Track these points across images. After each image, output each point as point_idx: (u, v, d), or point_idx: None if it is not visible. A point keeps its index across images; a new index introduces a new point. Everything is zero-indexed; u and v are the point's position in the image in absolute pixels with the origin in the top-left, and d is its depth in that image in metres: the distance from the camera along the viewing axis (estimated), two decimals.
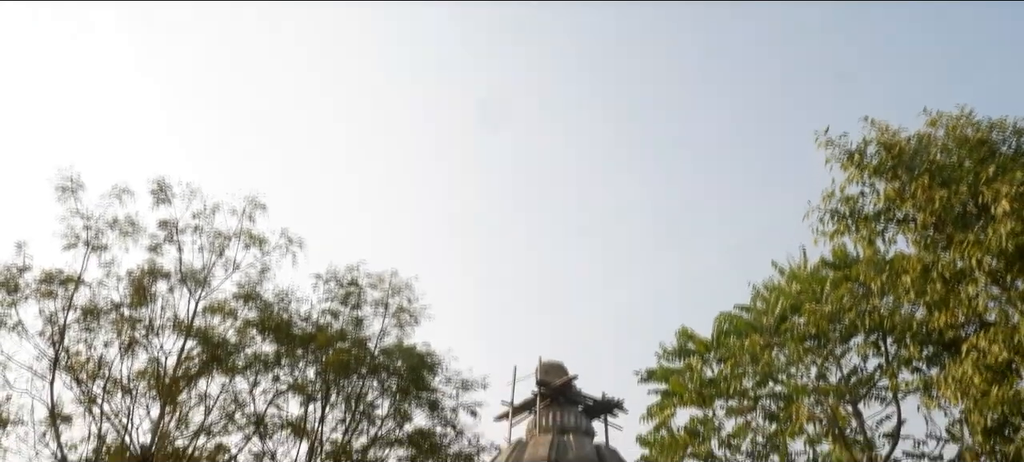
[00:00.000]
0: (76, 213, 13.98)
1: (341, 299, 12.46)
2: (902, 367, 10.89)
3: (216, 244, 14.29)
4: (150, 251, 14.49)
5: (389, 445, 12.09)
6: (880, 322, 10.56)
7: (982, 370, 8.80)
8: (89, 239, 14.16)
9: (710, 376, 12.44)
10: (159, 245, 14.42)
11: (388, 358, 12.17)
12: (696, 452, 12.01)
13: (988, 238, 8.69)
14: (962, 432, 11.48)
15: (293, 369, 12.19)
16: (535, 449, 15.09)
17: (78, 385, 14.14)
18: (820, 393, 11.50)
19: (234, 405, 13.17)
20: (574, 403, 17.07)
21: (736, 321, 12.85)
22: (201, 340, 13.36)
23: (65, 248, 14.28)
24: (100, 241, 14.21)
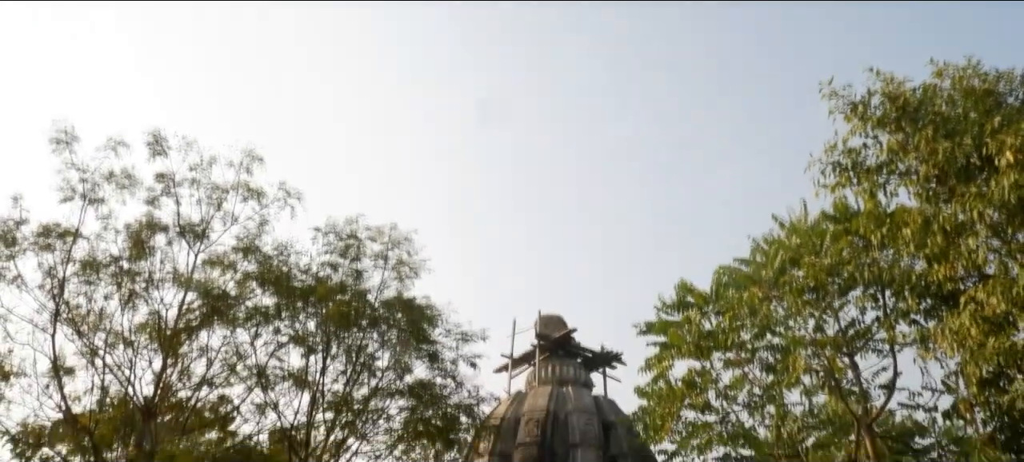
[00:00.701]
0: (72, 166, 13.84)
1: (340, 252, 12.44)
2: (899, 319, 10.94)
3: (214, 197, 14.20)
4: (147, 204, 14.40)
5: (390, 396, 12.22)
6: (879, 275, 10.57)
7: (979, 322, 8.84)
8: (85, 192, 14.05)
9: (708, 328, 12.52)
10: (156, 198, 14.32)
11: (388, 310, 12.21)
12: (693, 403, 12.15)
13: (991, 190, 8.63)
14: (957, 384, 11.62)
15: (294, 321, 12.23)
16: (534, 400, 15.32)
17: (79, 337, 14.20)
18: (817, 345, 11.59)
19: (235, 357, 13.26)
20: (573, 355, 17.29)
21: (735, 274, 12.89)
22: (201, 293, 13.37)
23: (62, 201, 14.17)
24: (97, 194, 14.10)
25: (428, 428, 11.85)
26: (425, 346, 12.13)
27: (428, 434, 11.84)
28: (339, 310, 11.41)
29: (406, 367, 12.21)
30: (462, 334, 12.42)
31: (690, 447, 12.18)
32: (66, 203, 14.17)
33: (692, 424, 12.32)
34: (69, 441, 15.70)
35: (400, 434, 11.96)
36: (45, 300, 14.11)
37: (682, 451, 12.41)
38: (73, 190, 14.05)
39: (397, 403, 12.13)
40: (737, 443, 11.89)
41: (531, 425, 14.52)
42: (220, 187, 14.20)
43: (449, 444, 12.36)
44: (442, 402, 11.98)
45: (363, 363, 12.07)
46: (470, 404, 12.18)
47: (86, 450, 15.03)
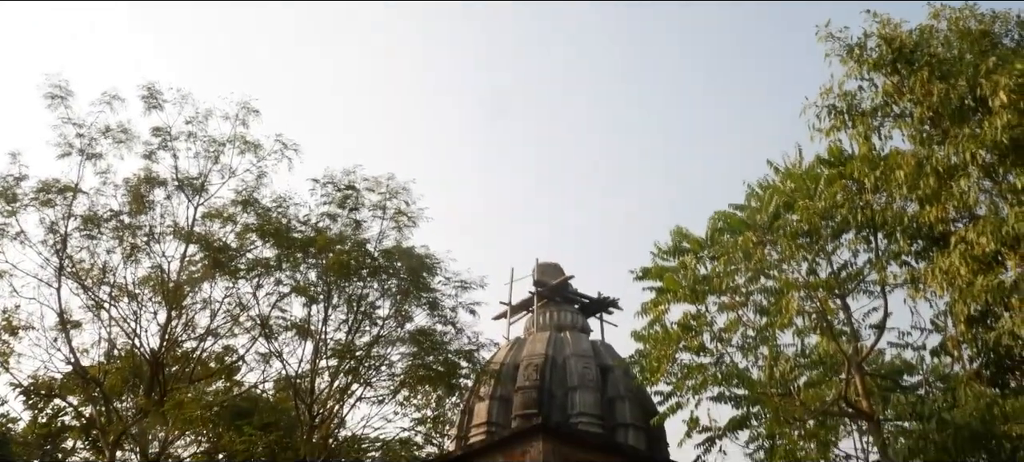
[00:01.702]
0: (68, 121, 13.83)
1: (338, 202, 12.55)
2: (891, 261, 11.15)
3: (211, 150, 14.24)
4: (145, 158, 14.45)
5: (391, 344, 12.49)
6: (871, 217, 10.73)
7: (969, 261, 9.02)
8: (83, 147, 14.08)
9: (703, 273, 12.71)
10: (153, 152, 14.36)
11: (388, 260, 12.39)
12: (688, 345, 12.41)
13: (984, 131, 8.71)
14: (946, 323, 11.90)
15: (294, 272, 12.42)
16: (533, 346, 15.63)
17: (85, 292, 14.41)
18: (810, 288, 11.80)
19: (238, 308, 13.50)
20: (570, 302, 17.56)
21: (730, 219, 13.03)
22: (202, 245, 13.53)
23: (60, 156, 14.22)
24: (94, 149, 14.14)
25: (429, 374, 12.15)
26: (425, 294, 12.34)
27: (430, 379, 12.15)
28: (339, 260, 11.57)
29: (407, 315, 12.45)
30: (461, 282, 12.65)
31: (685, 388, 12.47)
32: (64, 159, 14.22)
33: (687, 366, 12.60)
34: (80, 392, 16.09)
35: (402, 379, 12.27)
36: (49, 255, 14.28)
37: (677, 392, 12.71)
38: (70, 146, 14.08)
39: (399, 350, 12.42)
40: (731, 383, 12.19)
41: (530, 370, 14.85)
42: (217, 140, 14.23)
43: (450, 389, 12.69)
44: (443, 349, 12.26)
45: (364, 312, 12.30)
46: (470, 350, 12.48)
47: (96, 400, 15.42)
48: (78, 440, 17.86)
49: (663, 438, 15.49)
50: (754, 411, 12.35)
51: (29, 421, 18.03)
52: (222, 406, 12.69)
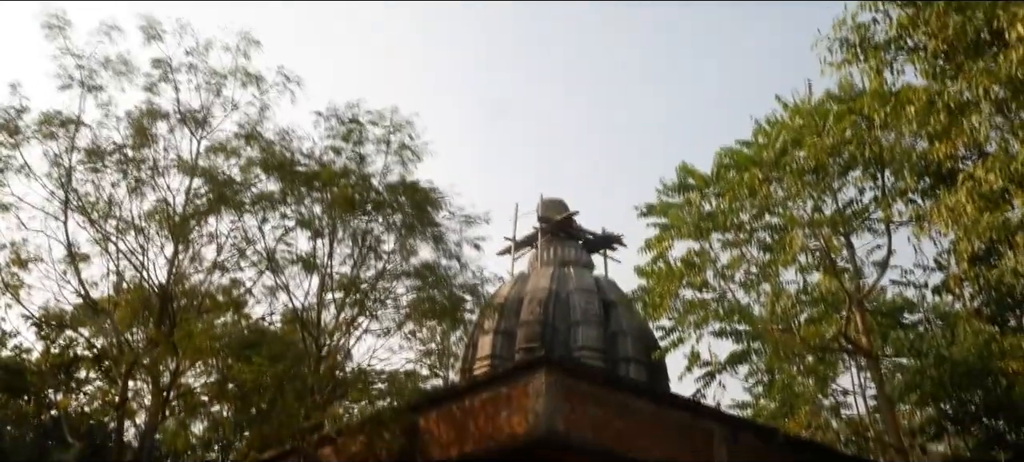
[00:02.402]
0: (67, 52, 13.62)
1: (342, 136, 12.43)
2: (897, 199, 11.10)
3: (212, 83, 14.04)
4: (146, 91, 14.27)
5: (396, 278, 12.58)
6: (879, 154, 10.63)
7: (975, 199, 8.96)
8: (83, 79, 13.90)
9: (708, 210, 12.70)
10: (154, 85, 14.18)
11: (392, 194, 12.36)
12: (691, 282, 12.49)
13: (998, 66, 8.51)
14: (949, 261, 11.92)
15: (299, 206, 12.42)
16: (537, 281, 15.77)
17: (91, 225, 14.47)
18: (814, 225, 11.79)
19: (244, 242, 13.56)
20: (574, 238, 17.64)
21: (736, 156, 12.94)
22: (207, 179, 13.51)
23: (60, 89, 14.04)
24: (94, 81, 13.95)
25: (434, 307, 12.28)
26: (429, 229, 12.36)
27: (435, 313, 12.28)
28: (344, 194, 11.54)
29: (412, 249, 12.50)
30: (465, 217, 12.63)
31: (687, 323, 12.63)
32: (64, 91, 14.07)
33: (689, 302, 12.71)
34: (91, 324, 16.37)
35: (407, 312, 12.41)
36: (54, 188, 14.29)
37: (679, 327, 12.88)
38: (70, 77, 13.90)
39: (404, 284, 12.51)
40: (732, 319, 12.33)
41: (534, 304, 15.02)
42: (218, 73, 14.02)
43: (455, 323, 12.84)
44: (447, 283, 12.35)
45: (369, 246, 12.35)
46: (475, 284, 12.57)
47: (107, 332, 15.70)
48: (91, 371, 18.29)
49: (664, 372, 15.79)
50: (754, 346, 12.53)
51: (42, 352, 18.44)
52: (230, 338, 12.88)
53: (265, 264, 13.38)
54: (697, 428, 11.72)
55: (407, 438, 11.59)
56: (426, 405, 11.40)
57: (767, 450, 12.55)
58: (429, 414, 11.45)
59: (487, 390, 10.72)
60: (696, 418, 11.83)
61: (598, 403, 10.38)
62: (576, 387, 10.19)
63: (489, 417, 10.50)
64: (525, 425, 9.79)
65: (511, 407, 10.18)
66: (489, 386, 10.75)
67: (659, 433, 11.03)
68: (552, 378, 9.87)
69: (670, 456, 10.95)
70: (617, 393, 10.83)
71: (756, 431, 13.08)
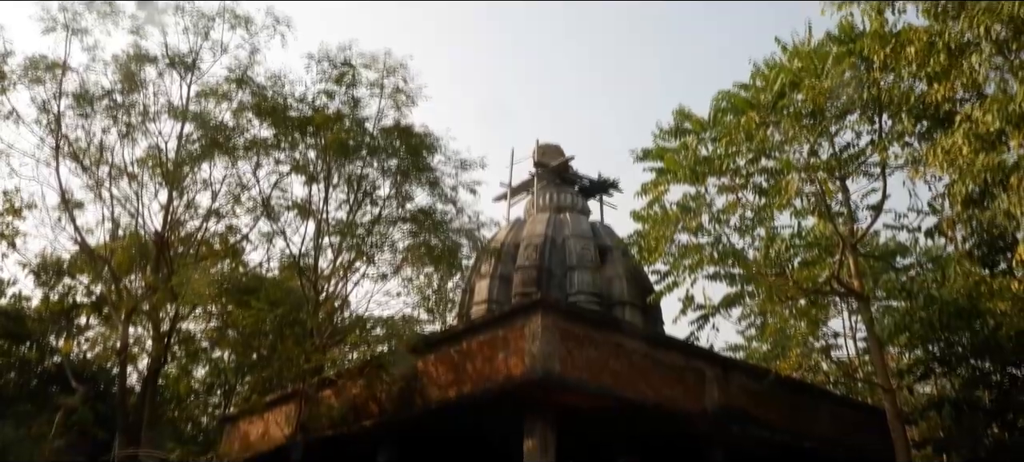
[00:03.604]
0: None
1: (335, 79, 12.26)
2: (893, 141, 11.07)
3: (200, 26, 13.80)
4: (132, 34, 14.03)
5: (392, 223, 12.59)
6: (878, 96, 10.56)
7: (972, 140, 8.95)
8: (67, 22, 13.63)
9: (704, 154, 12.65)
10: (141, 27, 13.94)
11: (387, 138, 12.27)
12: (687, 226, 12.50)
13: (1001, 4, 8.40)
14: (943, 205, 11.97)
15: (293, 151, 12.35)
16: (533, 227, 15.82)
17: (83, 171, 14.41)
18: (810, 169, 11.78)
19: (239, 188, 13.54)
20: (570, 183, 17.62)
21: (734, 99, 12.82)
22: (198, 124, 13.39)
23: (44, 32, 13.80)
24: (79, 24, 13.69)
25: (431, 252, 12.34)
26: (425, 174, 12.32)
27: (431, 257, 12.35)
28: (338, 139, 11.45)
29: (407, 195, 12.49)
30: (461, 162, 12.58)
31: (682, 267, 12.70)
32: (49, 34, 13.81)
33: (684, 246, 12.75)
34: (89, 271, 16.45)
35: (404, 256, 12.47)
36: (43, 134, 14.17)
37: (674, 271, 12.96)
38: (54, 20, 13.63)
39: (400, 229, 12.53)
40: (726, 262, 12.39)
41: (530, 250, 15.09)
42: (206, 14, 13.75)
43: (452, 267, 12.93)
44: (444, 227, 12.37)
45: (365, 191, 12.33)
46: (471, 229, 12.60)
47: (106, 279, 15.78)
48: (91, 317, 18.45)
49: (658, 316, 16.00)
50: (748, 289, 12.63)
51: (42, 299, 18.56)
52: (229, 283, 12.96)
53: (261, 210, 13.39)
54: (689, 369, 11.95)
55: (406, 380, 11.79)
56: (424, 348, 11.55)
57: (758, 390, 12.83)
58: (428, 357, 11.62)
59: (484, 333, 10.85)
60: (688, 359, 12.04)
61: (593, 345, 10.53)
62: (572, 329, 10.32)
63: (487, 359, 10.65)
64: (522, 367, 9.95)
65: (508, 349, 10.33)
66: (486, 329, 10.87)
67: (652, 374, 11.24)
68: (548, 320, 9.99)
69: (663, 396, 11.19)
70: (612, 335, 10.98)
71: (747, 372, 13.35)
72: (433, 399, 11.29)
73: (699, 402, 11.77)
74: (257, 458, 14.90)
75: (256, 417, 15.76)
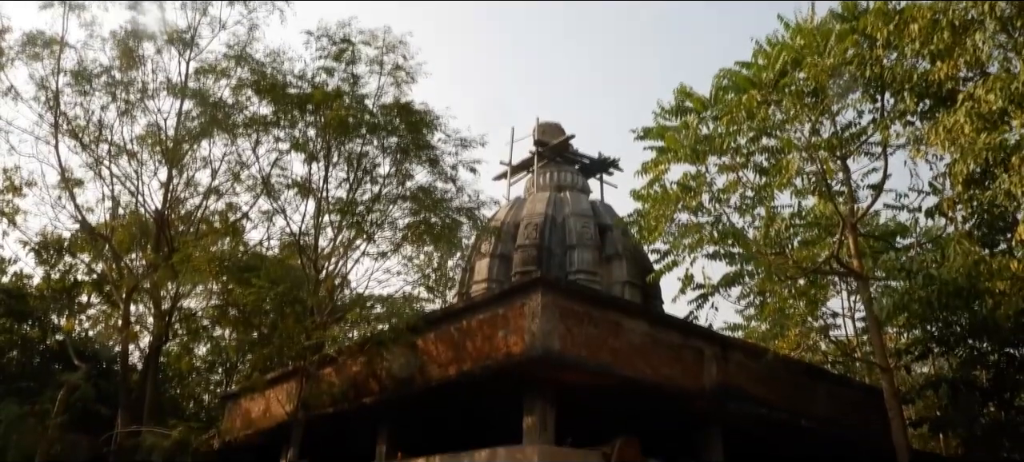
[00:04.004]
0: None
1: (334, 56, 12.17)
2: (895, 120, 11.03)
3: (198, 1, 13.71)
4: (130, 10, 13.95)
5: (392, 202, 12.57)
6: (880, 74, 10.50)
7: (974, 119, 8.92)
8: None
9: (705, 133, 12.61)
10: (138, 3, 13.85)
11: (386, 116, 12.22)
12: (687, 205, 12.50)
13: None
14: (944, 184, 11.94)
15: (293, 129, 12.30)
16: (533, 206, 15.80)
17: (83, 149, 14.39)
18: (812, 149, 11.75)
19: (238, 166, 13.51)
20: (571, 162, 17.56)
21: (735, 77, 12.77)
22: (197, 101, 13.35)
23: (41, 8, 13.72)
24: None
25: (431, 230, 12.33)
26: (425, 152, 12.28)
27: (431, 234, 12.34)
28: (337, 116, 11.40)
29: (407, 173, 12.46)
30: (461, 140, 12.51)
31: (682, 246, 12.71)
32: (45, 9, 13.73)
33: (685, 225, 12.76)
34: (89, 249, 16.48)
35: (404, 234, 12.47)
36: (42, 111, 14.14)
37: (674, 251, 12.97)
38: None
39: (400, 207, 12.51)
40: (726, 242, 12.41)
41: (530, 229, 15.08)
42: None
43: (452, 246, 12.94)
44: (444, 206, 12.36)
45: (364, 169, 12.30)
46: (471, 208, 12.58)
47: (106, 257, 15.81)
48: (92, 295, 18.51)
49: (658, 295, 16.03)
50: (747, 269, 12.65)
51: (43, 277, 18.61)
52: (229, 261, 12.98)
53: (260, 188, 13.37)
54: (688, 347, 11.99)
55: (406, 358, 11.85)
56: (425, 326, 11.59)
57: (756, 369, 12.89)
58: (428, 335, 11.67)
59: (484, 311, 10.88)
60: (687, 338, 12.08)
61: (593, 323, 10.56)
62: (571, 307, 10.34)
63: (486, 337, 10.69)
64: (522, 345, 9.98)
65: (508, 327, 10.36)
66: (486, 307, 10.90)
67: (651, 352, 11.29)
68: (548, 299, 10.01)
69: (662, 374, 11.24)
70: (611, 313, 11.01)
71: (745, 350, 13.39)
72: (433, 377, 11.35)
73: (698, 380, 11.83)
74: (259, 435, 15.02)
75: (257, 395, 15.86)
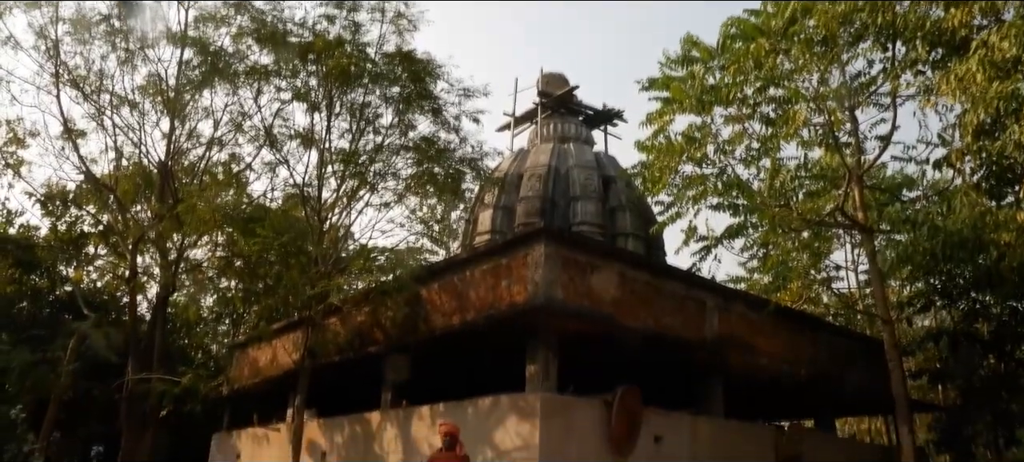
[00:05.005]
0: None
1: (335, 3, 11.97)
2: (906, 69, 10.82)
3: None
4: None
5: (395, 152, 12.50)
6: (892, 21, 10.26)
7: (986, 67, 8.75)
8: None
9: (712, 83, 12.42)
10: None
11: (389, 65, 12.06)
12: (691, 157, 12.39)
13: None
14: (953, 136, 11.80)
15: (294, 79, 12.17)
16: (536, 156, 15.72)
17: (85, 99, 14.30)
18: (820, 99, 11.58)
19: (241, 116, 13.43)
20: (575, 114, 17.41)
21: (743, 25, 12.51)
22: (198, 50, 13.19)
23: None
24: None
25: (434, 181, 12.29)
26: (427, 102, 12.14)
27: (435, 183, 12.30)
28: (339, 65, 11.24)
29: (409, 124, 12.35)
30: (464, 90, 12.35)
31: (686, 198, 12.65)
32: None
33: (689, 177, 12.67)
34: (95, 201, 16.52)
35: (408, 184, 12.43)
36: (43, 61, 14.01)
37: (678, 202, 12.92)
38: None
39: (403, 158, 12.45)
40: (730, 193, 12.34)
41: (533, 180, 15.03)
42: None
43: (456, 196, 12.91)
44: (447, 156, 12.28)
45: (367, 120, 12.20)
46: (474, 158, 12.50)
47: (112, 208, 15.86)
48: (99, 246, 18.65)
49: (661, 247, 16.07)
50: (751, 221, 12.61)
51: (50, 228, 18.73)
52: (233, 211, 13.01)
53: (263, 139, 13.31)
54: (690, 298, 12.05)
55: (410, 308, 11.95)
56: (428, 276, 11.65)
57: (757, 320, 12.98)
58: (431, 285, 11.74)
59: (487, 261, 10.92)
60: (689, 288, 12.13)
61: (595, 273, 10.60)
62: (574, 258, 10.37)
63: (490, 287, 10.75)
64: (525, 294, 10.04)
65: (511, 277, 10.40)
66: (489, 257, 10.93)
67: (653, 303, 11.35)
68: (551, 249, 10.02)
69: (664, 324, 11.33)
70: (614, 264, 11.04)
71: (747, 302, 13.46)
72: (437, 326, 11.46)
73: (699, 331, 11.92)
74: (266, 383, 15.30)
75: (264, 344, 16.11)
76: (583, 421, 9.69)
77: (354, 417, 12.55)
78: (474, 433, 9.64)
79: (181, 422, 15.94)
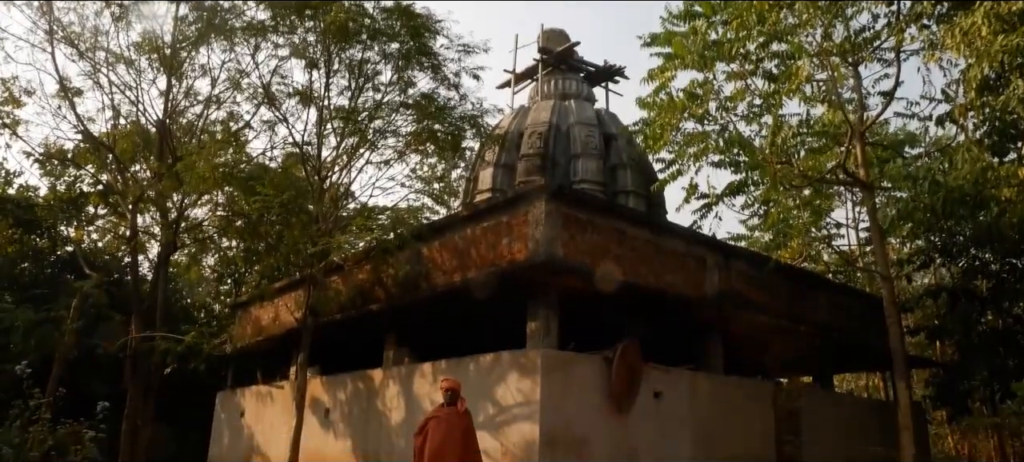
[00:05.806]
0: None
1: None
2: (911, 23, 10.68)
3: None
4: None
5: (395, 110, 12.41)
6: None
7: (992, 21, 8.64)
8: None
9: (714, 39, 12.27)
10: None
11: (387, 20, 11.88)
12: (693, 113, 12.31)
13: None
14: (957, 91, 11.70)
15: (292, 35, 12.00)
16: (537, 114, 15.61)
17: (80, 56, 14.15)
18: (823, 54, 11.45)
19: (238, 74, 13.29)
20: (576, 70, 17.23)
21: None
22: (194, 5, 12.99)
23: None
24: None
25: (434, 139, 12.23)
26: (427, 58, 12.01)
27: (435, 141, 12.24)
28: (337, 20, 11.09)
29: (409, 80, 12.23)
30: (464, 46, 12.20)
31: (687, 155, 12.60)
32: None
33: (690, 134, 12.60)
34: (94, 160, 16.46)
35: (408, 141, 12.37)
36: (35, 17, 13.82)
37: (679, 160, 12.87)
38: None
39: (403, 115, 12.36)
40: (732, 150, 12.28)
41: (534, 137, 14.95)
42: None
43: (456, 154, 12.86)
44: (447, 114, 12.20)
45: (366, 77, 12.07)
46: (474, 116, 12.41)
47: (110, 168, 15.82)
48: (98, 206, 18.65)
49: (662, 205, 16.05)
50: (753, 178, 12.59)
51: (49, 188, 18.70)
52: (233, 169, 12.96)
53: (261, 97, 13.20)
54: (691, 255, 12.09)
55: (411, 266, 12.00)
56: (429, 234, 11.67)
57: (758, 277, 13.04)
58: (432, 243, 11.77)
59: (488, 219, 10.93)
60: (690, 246, 12.17)
61: (596, 230, 10.61)
62: (574, 215, 10.37)
63: (490, 245, 10.78)
64: (525, 251, 10.07)
65: (512, 235, 10.42)
66: (490, 215, 10.93)
67: (654, 260, 11.39)
68: (551, 206, 10.02)
69: (664, 281, 11.38)
70: (614, 221, 11.05)
71: (748, 259, 13.51)
72: (438, 284, 11.52)
73: (700, 288, 11.99)
74: (269, 341, 15.45)
75: (266, 302, 16.22)
76: (583, 376, 9.81)
77: (356, 374, 12.70)
78: (475, 389, 9.77)
79: (185, 381, 16.14)
